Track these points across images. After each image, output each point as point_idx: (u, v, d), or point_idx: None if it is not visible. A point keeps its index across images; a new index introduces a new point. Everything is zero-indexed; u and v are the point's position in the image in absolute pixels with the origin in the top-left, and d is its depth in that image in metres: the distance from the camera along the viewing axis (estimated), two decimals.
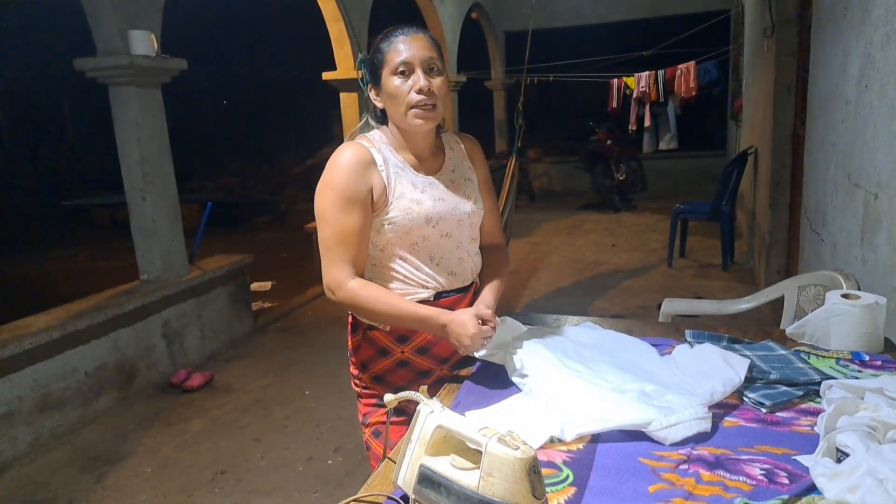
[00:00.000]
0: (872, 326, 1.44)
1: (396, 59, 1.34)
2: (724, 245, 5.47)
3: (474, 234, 1.52)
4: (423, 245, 1.41)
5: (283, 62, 14.72)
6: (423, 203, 1.40)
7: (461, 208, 1.46)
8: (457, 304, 1.46)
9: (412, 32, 1.37)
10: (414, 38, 1.35)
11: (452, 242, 1.45)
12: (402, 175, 1.41)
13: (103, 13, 3.43)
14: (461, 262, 1.48)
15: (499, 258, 1.60)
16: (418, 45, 1.35)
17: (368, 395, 1.52)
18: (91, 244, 8.55)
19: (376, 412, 1.50)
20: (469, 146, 1.57)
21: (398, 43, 1.35)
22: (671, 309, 2.31)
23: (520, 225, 6.95)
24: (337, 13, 5.46)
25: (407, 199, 1.39)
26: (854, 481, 0.88)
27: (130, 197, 3.76)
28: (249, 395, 3.59)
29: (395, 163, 1.41)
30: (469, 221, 1.48)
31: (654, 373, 1.33)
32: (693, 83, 6.89)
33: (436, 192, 1.43)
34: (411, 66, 1.34)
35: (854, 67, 2.10)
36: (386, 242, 1.40)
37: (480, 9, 9.08)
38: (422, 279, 1.43)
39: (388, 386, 1.47)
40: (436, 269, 1.44)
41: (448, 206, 1.43)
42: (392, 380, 1.47)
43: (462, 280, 1.49)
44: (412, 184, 1.41)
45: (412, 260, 1.42)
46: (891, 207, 1.69)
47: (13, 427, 2.93)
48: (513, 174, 4.44)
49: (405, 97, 1.34)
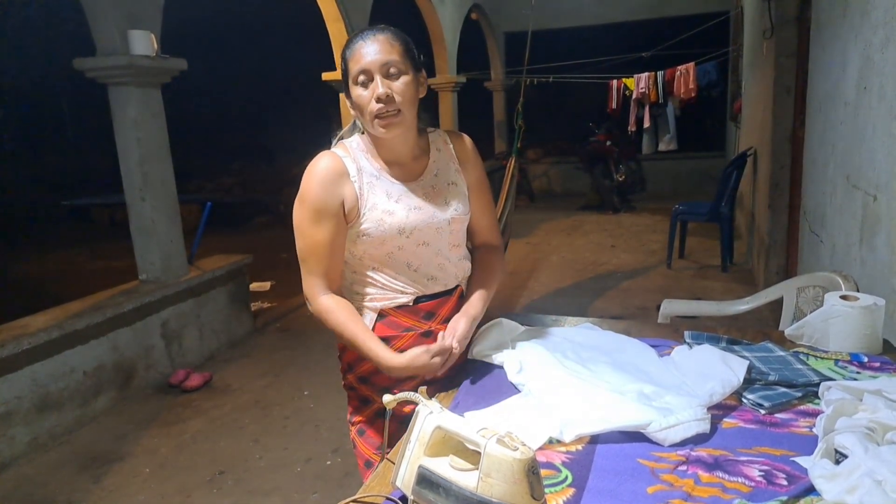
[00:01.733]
0: (871, 328, 1.44)
1: (355, 68, 1.31)
2: (724, 246, 5.47)
3: (456, 241, 1.47)
4: (399, 255, 1.39)
5: (282, 63, 14.73)
6: (395, 214, 1.36)
7: (439, 216, 1.41)
8: (439, 308, 1.45)
9: (371, 36, 1.31)
10: (373, 42, 1.30)
11: (431, 251, 1.42)
12: (375, 185, 1.38)
13: (103, 13, 3.42)
14: (441, 267, 1.44)
15: (492, 260, 1.55)
16: (376, 48, 1.30)
17: (354, 395, 1.52)
18: (90, 244, 8.54)
19: (363, 410, 1.51)
20: (459, 147, 1.51)
21: (357, 50, 1.31)
22: (670, 310, 2.31)
23: (519, 225, 6.96)
24: (337, 14, 5.46)
25: (379, 210, 1.36)
26: (853, 483, 0.88)
27: (130, 197, 3.76)
28: (248, 395, 3.59)
29: (370, 171, 1.38)
30: (449, 229, 1.43)
31: (653, 374, 1.33)
32: (692, 84, 6.90)
33: (411, 201, 1.39)
34: (370, 74, 1.30)
35: (853, 69, 2.10)
36: (362, 252, 1.39)
37: (480, 9, 9.09)
38: (399, 286, 1.41)
39: (373, 387, 1.47)
40: (414, 275, 1.42)
41: (424, 214, 1.39)
42: (377, 380, 1.46)
43: (444, 283, 1.46)
44: (386, 193, 1.38)
45: (388, 270, 1.40)
46: (890, 209, 1.69)
47: (11, 427, 2.93)
48: (512, 175, 4.43)
49: (367, 106, 1.31)
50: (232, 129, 16.39)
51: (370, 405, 1.49)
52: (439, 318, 1.45)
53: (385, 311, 1.43)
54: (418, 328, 1.43)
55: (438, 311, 1.45)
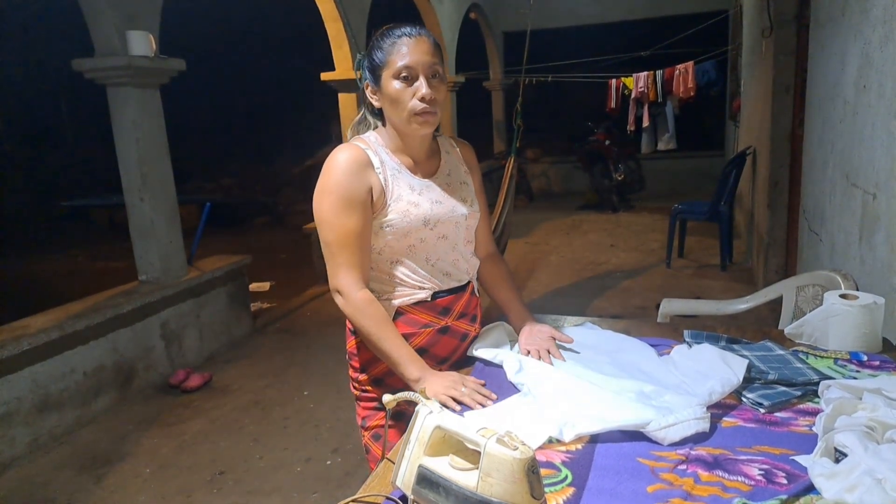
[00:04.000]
0: (870, 326, 1.44)
1: (399, 63, 1.31)
2: (723, 245, 5.48)
3: (469, 237, 1.52)
4: (420, 247, 1.41)
5: (281, 63, 14.72)
6: (420, 205, 1.39)
7: (458, 210, 1.45)
8: (455, 303, 1.47)
9: (416, 35, 1.34)
10: (418, 42, 1.33)
11: (448, 244, 1.45)
12: (399, 177, 1.40)
13: (101, 13, 3.42)
14: (455, 263, 1.48)
15: (503, 271, 1.63)
16: (423, 49, 1.33)
17: (368, 398, 1.50)
18: (89, 245, 8.54)
19: (376, 415, 1.48)
20: (465, 152, 1.57)
21: (402, 45, 1.32)
22: (670, 309, 2.31)
23: (518, 225, 6.95)
24: (335, 13, 5.46)
25: (405, 201, 1.38)
26: (852, 481, 0.88)
27: (129, 198, 3.76)
28: (248, 395, 3.59)
29: (392, 165, 1.40)
30: (466, 224, 1.48)
31: (653, 373, 1.33)
32: (691, 83, 6.89)
33: (433, 194, 1.43)
34: (415, 72, 1.32)
35: (852, 68, 2.10)
36: (383, 245, 1.40)
37: (479, 9, 9.08)
38: (418, 281, 1.43)
39: (388, 388, 1.44)
40: (431, 270, 1.44)
41: (445, 208, 1.43)
42: (392, 382, 1.44)
43: (458, 279, 1.49)
44: (409, 186, 1.40)
45: (409, 263, 1.41)
46: (889, 207, 1.69)
47: (12, 428, 2.93)
48: (511, 174, 4.43)
49: (407, 103, 1.33)
50: (231, 129, 16.37)
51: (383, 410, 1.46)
52: (455, 314, 1.48)
53: (403, 309, 1.43)
54: (436, 324, 1.45)
55: (454, 306, 1.47)
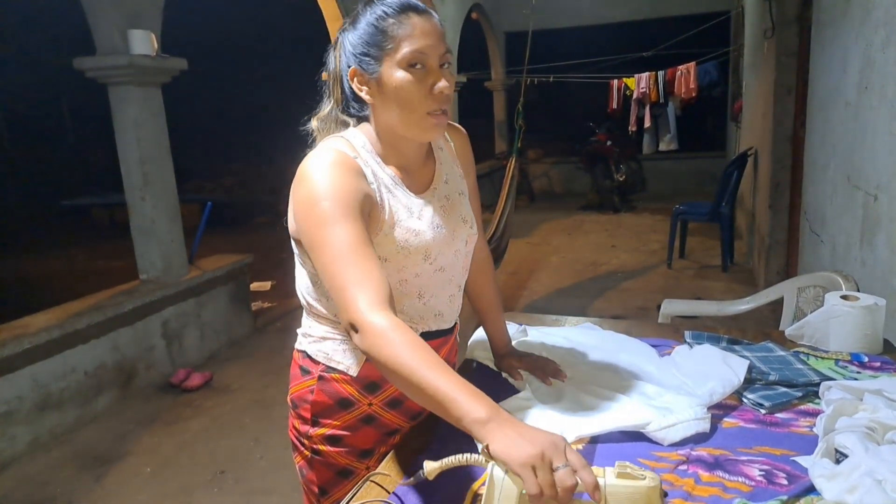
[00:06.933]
0: (871, 328, 1.44)
1: (409, 47, 1.01)
2: (724, 246, 5.47)
3: (467, 264, 1.25)
4: (414, 283, 1.13)
5: (283, 62, 14.72)
6: (421, 234, 1.10)
7: (459, 235, 1.17)
8: (439, 349, 1.21)
9: (425, 13, 1.03)
10: (430, 22, 1.03)
11: (445, 278, 1.18)
12: (394, 196, 1.10)
13: (103, 12, 3.42)
14: (451, 299, 1.22)
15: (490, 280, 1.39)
16: (437, 31, 1.03)
17: (321, 462, 1.17)
18: (90, 244, 8.54)
19: (340, 483, 1.17)
20: (459, 143, 1.27)
21: (413, 25, 1.01)
22: (671, 310, 2.32)
23: (519, 225, 6.94)
24: (337, 13, 5.45)
25: (403, 228, 1.08)
26: (853, 482, 0.88)
27: (130, 197, 3.76)
28: (249, 395, 3.59)
29: (385, 180, 1.09)
30: (465, 251, 1.21)
31: (654, 374, 1.33)
32: (693, 84, 6.90)
33: (433, 218, 1.13)
34: (426, 60, 1.02)
35: (854, 69, 2.10)
36: None
37: (481, 9, 9.08)
38: (406, 320, 1.12)
39: (346, 448, 1.16)
40: (423, 309, 1.17)
41: (446, 234, 1.14)
42: (353, 441, 1.15)
43: (449, 320, 1.24)
44: (407, 208, 1.10)
45: (398, 299, 1.11)
46: (890, 209, 1.69)
47: (12, 426, 2.93)
48: (512, 175, 4.43)
49: (422, 100, 1.03)
50: (232, 129, 16.38)
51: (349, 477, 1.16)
52: None
53: None
54: None
55: (439, 352, 1.21)
